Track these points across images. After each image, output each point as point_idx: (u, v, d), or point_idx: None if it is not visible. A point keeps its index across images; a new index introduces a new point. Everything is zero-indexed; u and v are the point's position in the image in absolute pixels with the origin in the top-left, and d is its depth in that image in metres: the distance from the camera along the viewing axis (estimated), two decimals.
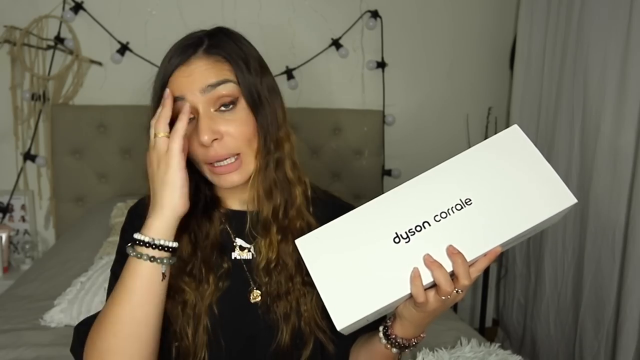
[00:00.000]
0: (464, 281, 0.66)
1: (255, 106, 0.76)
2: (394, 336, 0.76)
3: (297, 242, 0.71)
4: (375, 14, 2.40)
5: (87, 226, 1.98)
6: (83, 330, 0.77)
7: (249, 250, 0.83)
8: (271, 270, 0.80)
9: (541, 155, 0.71)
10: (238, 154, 0.76)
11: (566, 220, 2.10)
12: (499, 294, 2.70)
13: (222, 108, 0.74)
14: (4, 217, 2.19)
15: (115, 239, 1.79)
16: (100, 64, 2.19)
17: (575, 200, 0.69)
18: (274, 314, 0.80)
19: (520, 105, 2.43)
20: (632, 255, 1.74)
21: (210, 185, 0.83)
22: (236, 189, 0.81)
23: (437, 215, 0.69)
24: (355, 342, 0.87)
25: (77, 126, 2.14)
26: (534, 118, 2.34)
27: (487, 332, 2.58)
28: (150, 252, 0.68)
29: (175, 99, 0.74)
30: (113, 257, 1.70)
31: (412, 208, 0.69)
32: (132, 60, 2.20)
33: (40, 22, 2.10)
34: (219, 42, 0.77)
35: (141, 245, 0.69)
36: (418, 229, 0.68)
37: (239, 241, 0.83)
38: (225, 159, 0.75)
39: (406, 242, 0.68)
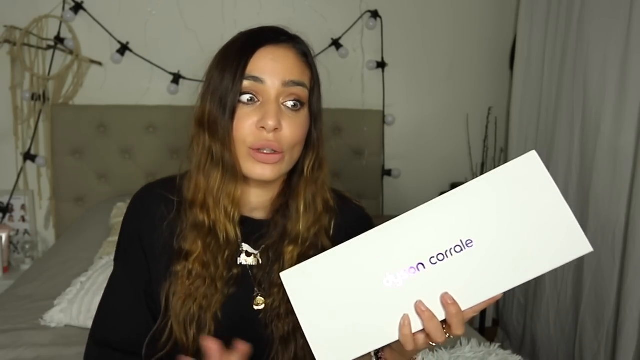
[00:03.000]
0: (457, 331, 0.63)
1: (314, 119, 0.79)
2: None
3: (282, 275, 0.66)
4: (375, 14, 2.40)
5: (87, 226, 1.98)
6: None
7: (255, 256, 0.82)
8: (278, 284, 0.79)
9: (558, 191, 0.61)
10: (282, 152, 0.75)
11: None
12: None
13: (290, 104, 0.75)
14: (4, 217, 2.19)
15: (115, 238, 1.79)
16: (100, 64, 2.19)
17: (591, 249, 0.61)
18: (274, 330, 0.79)
19: (520, 105, 2.43)
20: (632, 255, 1.74)
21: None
22: (253, 190, 0.81)
23: (433, 257, 0.62)
24: None
25: (77, 126, 2.14)
26: (534, 118, 2.34)
27: (487, 332, 2.58)
28: None
29: (248, 77, 0.73)
30: (113, 257, 1.70)
31: (407, 247, 0.63)
32: (132, 60, 2.20)
33: (40, 22, 2.10)
34: (305, 46, 0.80)
35: None
36: (411, 271, 0.62)
37: (245, 247, 0.82)
38: (274, 151, 0.74)
39: (398, 286, 0.62)
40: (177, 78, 2.22)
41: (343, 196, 0.90)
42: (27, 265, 2.10)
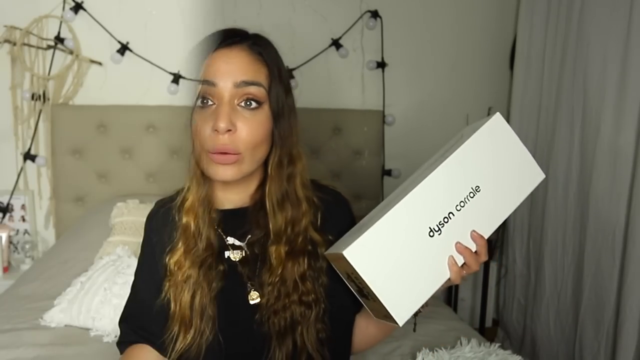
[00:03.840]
0: (484, 257, 0.77)
1: (277, 115, 0.79)
2: None
3: (345, 252, 0.71)
4: (375, 14, 2.40)
5: (87, 226, 1.98)
6: (122, 328, 0.91)
7: (242, 249, 0.83)
8: (270, 280, 0.81)
9: (518, 138, 0.81)
10: (239, 153, 0.76)
11: (566, 220, 2.10)
12: (499, 294, 2.70)
13: (246, 104, 0.76)
14: (4, 217, 2.19)
15: (115, 238, 1.79)
16: (100, 64, 2.19)
17: (544, 175, 0.83)
18: (270, 327, 0.80)
19: (520, 105, 2.43)
20: (632, 255, 1.74)
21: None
22: (228, 189, 0.84)
23: (457, 205, 0.76)
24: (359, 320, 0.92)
25: (77, 126, 2.15)
26: (534, 118, 2.34)
27: (487, 332, 2.58)
28: None
29: (202, 82, 0.76)
30: (113, 257, 1.70)
31: (437, 203, 0.76)
32: (132, 60, 2.20)
33: (40, 22, 2.10)
34: (262, 43, 0.81)
35: None
36: (446, 220, 0.76)
37: (230, 239, 0.84)
38: (229, 153, 0.76)
39: (439, 235, 0.75)
40: (177, 78, 2.22)
41: (320, 185, 0.92)
42: (27, 265, 2.10)
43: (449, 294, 2.54)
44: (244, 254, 0.83)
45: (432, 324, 1.56)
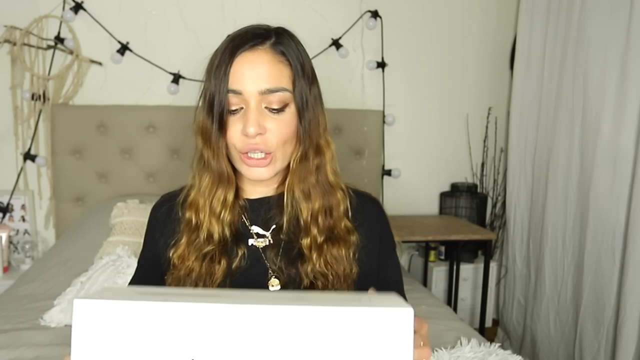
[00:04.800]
0: None
1: (302, 111, 0.80)
2: None
3: (76, 301, 0.48)
4: (375, 14, 2.40)
5: (87, 226, 1.98)
6: None
7: (266, 237, 0.85)
8: (297, 262, 0.82)
9: (412, 349, 0.50)
10: (270, 153, 0.79)
11: (566, 220, 2.10)
12: (499, 294, 2.70)
13: (271, 110, 0.78)
14: (4, 217, 2.19)
15: (115, 238, 1.79)
16: (100, 64, 2.19)
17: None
18: None
19: (520, 105, 2.43)
20: (632, 255, 1.74)
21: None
22: (257, 182, 0.86)
23: None
24: None
25: (77, 126, 2.15)
26: (534, 118, 2.35)
27: (487, 332, 2.58)
28: None
29: (229, 91, 0.76)
30: (113, 257, 1.70)
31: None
32: (132, 60, 2.20)
33: (40, 22, 2.10)
34: (284, 41, 0.80)
35: None
36: None
37: (255, 229, 0.85)
38: (261, 152, 0.78)
39: None
40: (177, 78, 2.22)
41: (353, 188, 0.94)
42: (27, 265, 2.10)
43: (449, 294, 2.54)
44: (267, 242, 0.85)
45: (432, 324, 1.56)
